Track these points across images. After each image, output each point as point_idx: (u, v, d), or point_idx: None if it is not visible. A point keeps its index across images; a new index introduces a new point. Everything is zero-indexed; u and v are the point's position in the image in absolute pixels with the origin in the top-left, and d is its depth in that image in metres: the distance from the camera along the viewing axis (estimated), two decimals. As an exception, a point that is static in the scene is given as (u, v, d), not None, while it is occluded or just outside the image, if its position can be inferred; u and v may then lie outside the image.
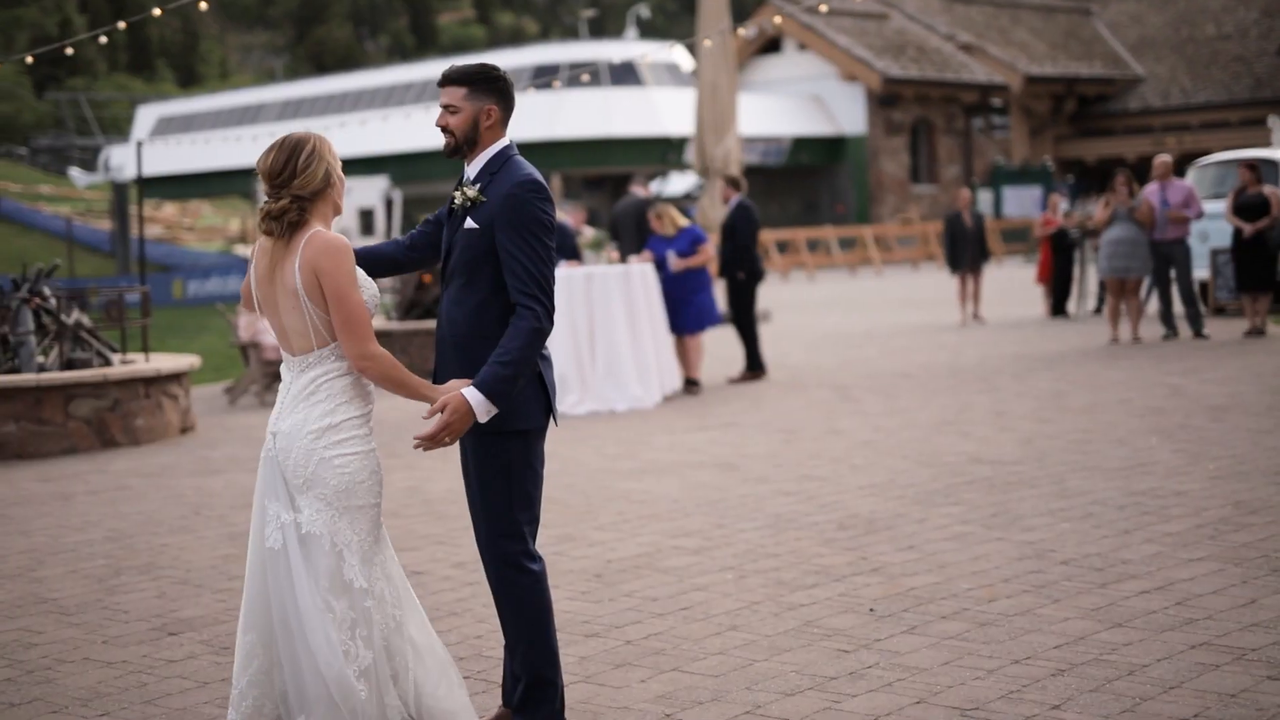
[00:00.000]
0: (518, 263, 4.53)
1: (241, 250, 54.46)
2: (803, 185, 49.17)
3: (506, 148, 4.71)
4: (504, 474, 4.67)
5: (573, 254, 14.09)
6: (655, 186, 47.72)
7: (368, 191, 44.11)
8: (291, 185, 4.45)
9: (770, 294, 31.48)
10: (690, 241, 14.07)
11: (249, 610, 4.53)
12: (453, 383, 4.56)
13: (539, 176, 4.64)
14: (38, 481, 10.80)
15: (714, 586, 6.79)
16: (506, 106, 4.72)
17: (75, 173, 76.50)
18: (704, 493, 9.04)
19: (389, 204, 44.88)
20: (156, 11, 10.51)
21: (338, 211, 4.58)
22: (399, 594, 4.61)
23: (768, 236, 38.88)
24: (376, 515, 4.56)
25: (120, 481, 10.68)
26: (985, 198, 45.89)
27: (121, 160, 53.15)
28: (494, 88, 4.67)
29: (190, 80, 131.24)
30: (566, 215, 14.90)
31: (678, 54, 44.66)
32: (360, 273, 4.55)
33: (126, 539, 8.52)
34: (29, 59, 13.91)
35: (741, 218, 15.01)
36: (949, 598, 6.36)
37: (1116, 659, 5.42)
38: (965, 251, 20.53)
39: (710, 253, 14.10)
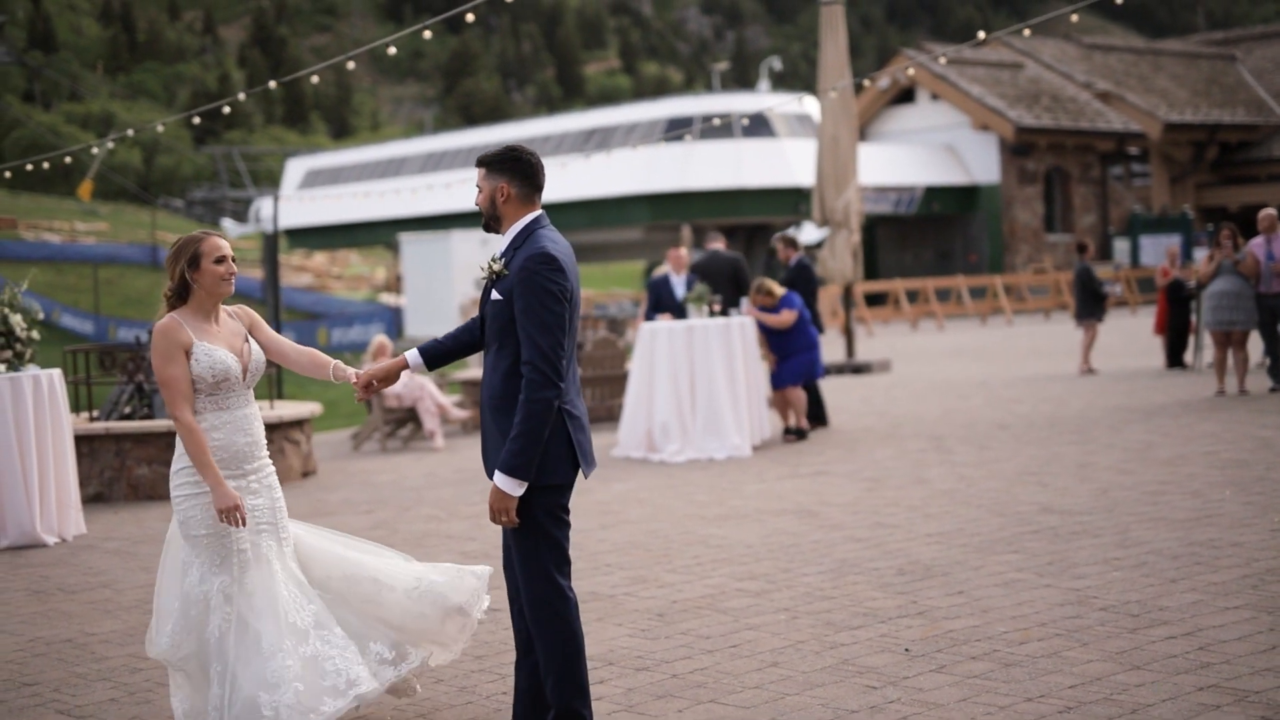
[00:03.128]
0: (524, 330, 5.01)
1: (386, 299, 55.90)
2: (936, 234, 49.24)
3: (532, 221, 5.19)
4: (533, 523, 5.13)
5: (671, 307, 14.56)
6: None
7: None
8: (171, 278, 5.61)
9: (895, 343, 31.71)
10: (780, 306, 14.49)
11: None
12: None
13: (551, 249, 5.06)
14: (165, 521, 11.52)
15: (766, 626, 7.20)
16: (523, 183, 5.19)
17: (228, 223, 78.97)
18: (779, 538, 9.45)
19: (526, 254, 45.81)
20: (276, 82, 11.23)
21: (215, 295, 5.62)
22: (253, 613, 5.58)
23: (898, 285, 39.04)
24: (215, 543, 5.55)
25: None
26: (1122, 246, 45.55)
27: (271, 212, 54.89)
28: (506, 167, 5.19)
29: (343, 132, 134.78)
30: (667, 266, 15.32)
31: (810, 105, 45.08)
32: (204, 346, 5.54)
33: (236, 575, 9.14)
34: (157, 127, 14.80)
35: (801, 276, 15.49)
36: (983, 639, 6.71)
37: (1124, 698, 5.73)
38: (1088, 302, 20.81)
39: (785, 318, 14.42)
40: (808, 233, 43.34)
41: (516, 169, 5.21)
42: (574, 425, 5.16)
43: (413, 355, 5.49)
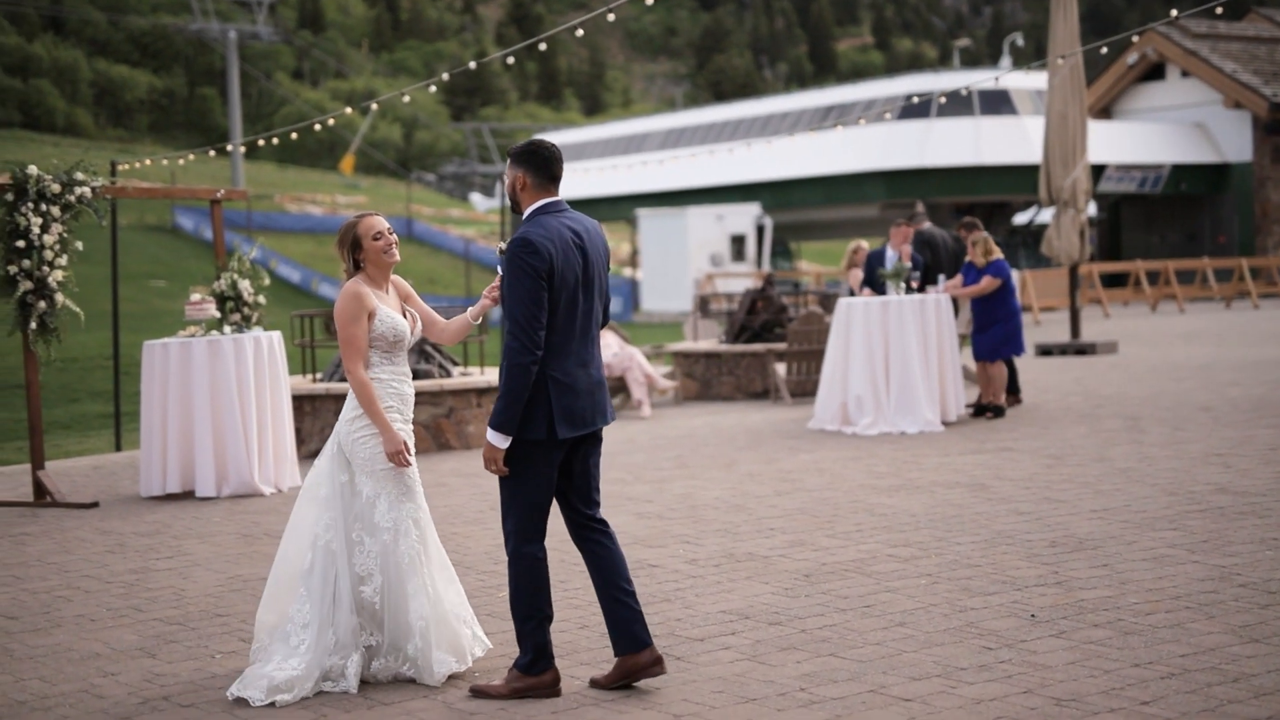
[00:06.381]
0: (505, 303, 5.72)
1: (627, 272, 56.82)
2: (1184, 214, 47.80)
3: (539, 208, 5.85)
4: (513, 472, 5.84)
5: (881, 285, 14.70)
6: (1026, 215, 47.33)
7: (740, 218, 45.48)
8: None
9: (1130, 325, 31.08)
10: (983, 272, 14.57)
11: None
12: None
13: (531, 233, 5.71)
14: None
15: (904, 589, 7.46)
16: (538, 173, 5.86)
17: (476, 197, 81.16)
18: (943, 509, 9.65)
19: (760, 230, 46.13)
20: (539, 46, 11.78)
21: (382, 266, 6.31)
22: (425, 536, 6.29)
23: (1138, 266, 38.16)
24: (398, 475, 6.22)
25: (441, 479, 12.04)
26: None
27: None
28: (524, 160, 5.88)
29: (595, 108, 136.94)
30: (892, 243, 15.30)
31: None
32: (385, 310, 6.20)
33: (425, 526, 9.76)
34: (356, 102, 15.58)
35: None
36: (1110, 609, 6.85)
37: (1231, 668, 5.85)
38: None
39: (982, 286, 14.54)
40: (1048, 212, 42.58)
41: (532, 161, 5.87)
42: (558, 390, 5.76)
43: (487, 429, 6.28)
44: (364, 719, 5.73)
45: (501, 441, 5.72)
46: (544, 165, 5.87)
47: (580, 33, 15.21)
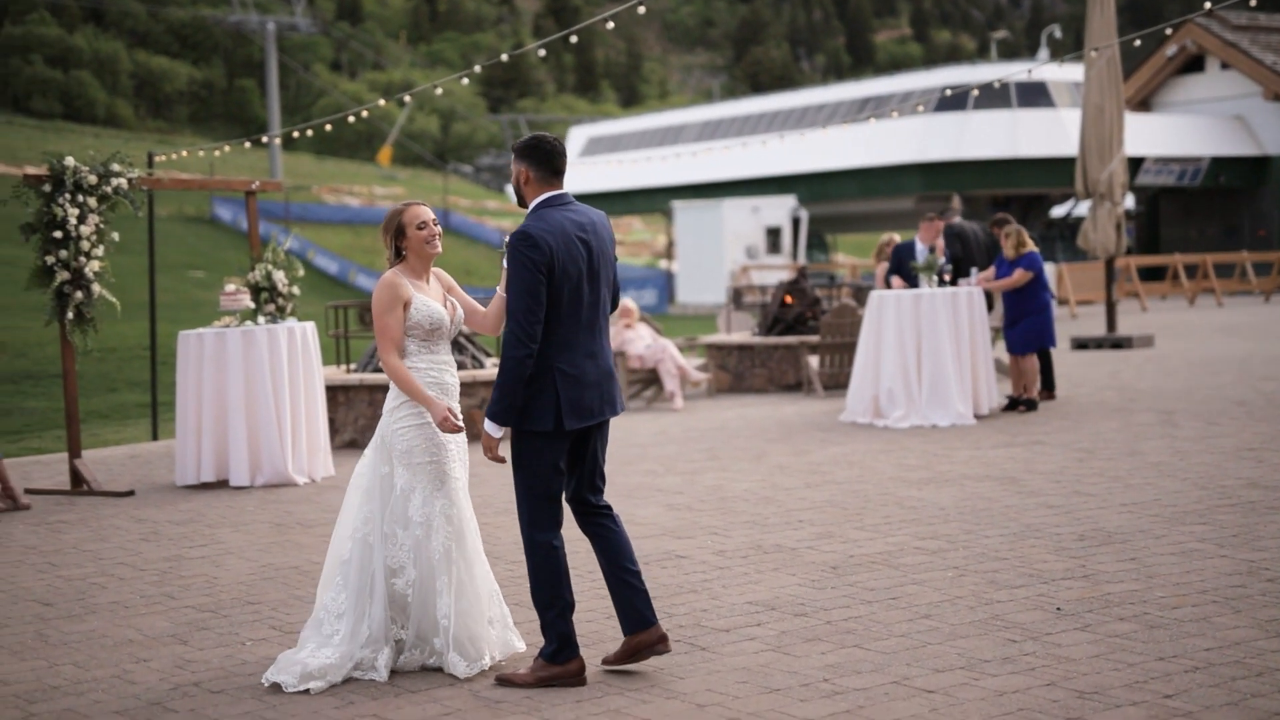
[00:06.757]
0: (507, 295, 5.82)
1: (664, 264, 56.86)
2: (1223, 208, 47.48)
3: (542, 201, 5.93)
4: (519, 466, 5.95)
5: (905, 274, 14.72)
6: (1063, 209, 47.13)
7: (775, 210, 45.43)
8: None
9: (1167, 319, 30.95)
10: (1015, 265, 14.56)
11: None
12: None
13: (531, 227, 5.79)
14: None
15: (930, 582, 7.48)
16: (540, 168, 5.93)
17: (511, 189, 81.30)
18: (973, 503, 9.66)
19: (795, 223, 46.09)
20: (570, 37, 11.81)
21: (424, 256, 6.32)
22: (460, 533, 6.22)
23: (1176, 259, 37.95)
24: (435, 469, 6.17)
25: (472, 469, 11.98)
26: None
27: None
28: (526, 154, 5.96)
29: (632, 100, 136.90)
30: (921, 237, 15.32)
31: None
32: (421, 299, 6.21)
33: (455, 517, 9.82)
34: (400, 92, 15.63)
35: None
36: (1136, 603, 6.85)
37: (1256, 663, 5.85)
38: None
39: (1014, 279, 14.57)
40: (1084, 206, 42.42)
41: (534, 155, 5.95)
42: (565, 382, 5.84)
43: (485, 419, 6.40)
44: (391, 706, 5.79)
45: (497, 431, 5.81)
46: (546, 159, 5.94)
47: (611, 25, 15.24)
